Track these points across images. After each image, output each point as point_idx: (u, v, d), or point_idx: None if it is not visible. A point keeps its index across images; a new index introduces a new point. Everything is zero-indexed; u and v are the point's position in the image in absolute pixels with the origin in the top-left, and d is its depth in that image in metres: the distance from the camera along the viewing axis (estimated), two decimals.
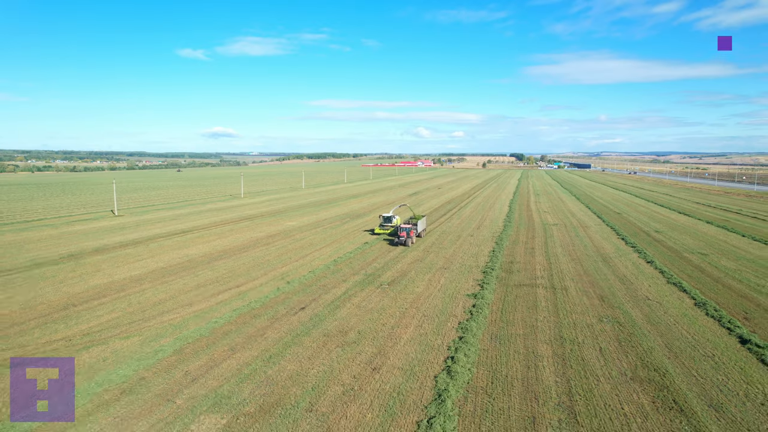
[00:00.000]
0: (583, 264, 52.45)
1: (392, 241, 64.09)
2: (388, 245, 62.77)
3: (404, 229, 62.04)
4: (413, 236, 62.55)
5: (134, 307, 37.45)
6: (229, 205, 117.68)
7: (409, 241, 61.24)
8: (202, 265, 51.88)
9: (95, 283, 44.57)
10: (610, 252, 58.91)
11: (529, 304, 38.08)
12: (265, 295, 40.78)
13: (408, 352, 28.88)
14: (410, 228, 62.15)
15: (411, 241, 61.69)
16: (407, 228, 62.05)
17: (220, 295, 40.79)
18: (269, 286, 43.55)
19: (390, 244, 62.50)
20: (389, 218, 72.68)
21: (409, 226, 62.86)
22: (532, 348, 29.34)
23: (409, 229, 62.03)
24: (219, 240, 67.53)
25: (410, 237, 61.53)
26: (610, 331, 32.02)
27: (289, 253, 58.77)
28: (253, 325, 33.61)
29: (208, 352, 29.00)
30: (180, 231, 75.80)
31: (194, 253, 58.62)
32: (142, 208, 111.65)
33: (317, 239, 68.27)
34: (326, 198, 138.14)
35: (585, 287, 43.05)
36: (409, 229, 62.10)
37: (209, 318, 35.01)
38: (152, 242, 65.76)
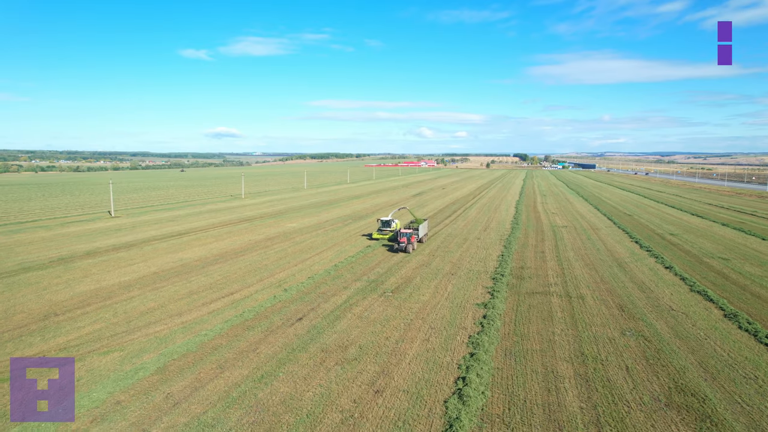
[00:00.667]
0: (597, 270, 49.59)
1: (392, 247, 59.98)
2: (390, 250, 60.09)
3: (404, 234, 57.94)
4: (414, 242, 58.39)
5: (119, 317, 34.88)
6: (229, 206, 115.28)
7: (410, 247, 57.24)
8: (196, 270, 49.33)
9: (81, 289, 42.07)
10: (624, 256, 56.01)
11: (544, 315, 35.29)
12: (261, 303, 38.15)
13: (414, 371, 26.17)
14: (411, 233, 58.16)
15: (412, 248, 57.80)
16: (408, 233, 58.00)
17: (213, 304, 38.19)
18: (265, 294, 40.93)
19: (389, 251, 58.73)
20: (388, 222, 68.23)
21: (410, 230, 58.87)
22: (552, 366, 26.58)
23: (410, 234, 57.94)
24: (216, 243, 65.01)
25: (411, 243, 57.48)
26: (635, 347, 29.20)
27: (288, 257, 56.16)
28: (245, 338, 30.97)
29: (194, 370, 26.38)
30: (176, 233, 73.35)
31: (189, 257, 56.10)
32: (140, 209, 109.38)
33: (318, 242, 65.65)
34: (328, 199, 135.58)
35: (603, 296, 40.22)
36: (410, 234, 58.03)
37: (198, 330, 32.39)
38: (146, 245, 63.31)
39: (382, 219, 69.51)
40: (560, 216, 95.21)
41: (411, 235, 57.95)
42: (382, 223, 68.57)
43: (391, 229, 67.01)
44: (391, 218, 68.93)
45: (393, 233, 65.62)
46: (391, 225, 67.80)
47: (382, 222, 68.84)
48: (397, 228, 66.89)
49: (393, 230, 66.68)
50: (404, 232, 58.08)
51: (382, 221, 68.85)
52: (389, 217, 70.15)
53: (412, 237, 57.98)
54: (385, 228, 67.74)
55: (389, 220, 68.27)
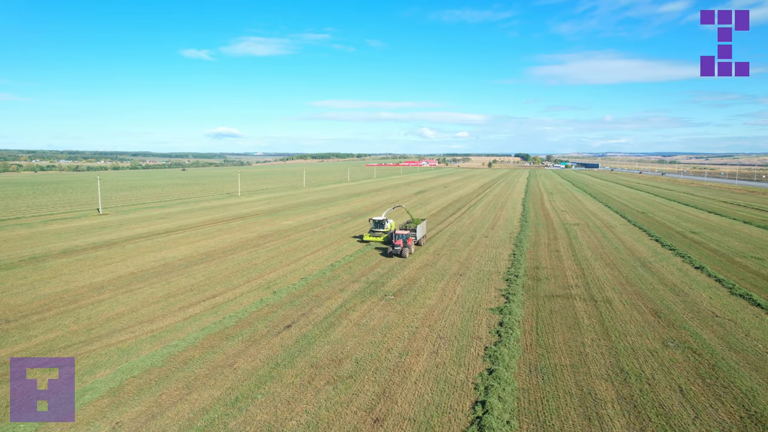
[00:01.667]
0: (620, 270, 44.94)
1: (385, 251, 52.40)
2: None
3: (400, 236, 51.01)
4: (411, 245, 51.23)
5: (80, 324, 30.33)
6: (223, 204, 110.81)
7: (407, 251, 49.83)
8: (177, 270, 44.79)
9: (46, 291, 37.53)
10: (647, 255, 51.35)
11: (570, 322, 30.67)
12: (245, 308, 33.59)
13: (422, 392, 21.57)
14: (407, 235, 51.40)
15: (409, 252, 50.38)
16: (404, 234, 51.19)
17: (190, 309, 33.62)
18: (251, 297, 36.36)
19: (383, 255, 51.48)
20: (381, 222, 60.47)
21: (406, 232, 52.14)
22: (588, 387, 21.97)
23: (406, 236, 51.11)
24: (204, 241, 60.47)
25: (408, 246, 50.25)
26: (683, 362, 24.57)
27: (281, 256, 51.60)
28: (221, 350, 26.40)
29: (155, 391, 21.81)
30: (164, 231, 68.84)
31: (173, 255, 51.56)
32: (131, 206, 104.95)
33: (314, 240, 61.08)
34: (327, 196, 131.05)
35: (632, 299, 35.58)
36: (406, 236, 51.16)
37: (169, 340, 27.83)
38: (129, 243, 58.79)
39: (375, 218, 61.61)
40: (570, 214, 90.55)
41: (407, 237, 51.23)
42: (375, 223, 60.84)
43: (385, 230, 59.93)
44: (385, 218, 61.28)
45: (387, 235, 58.86)
46: (384, 225, 60.40)
47: (374, 222, 60.96)
48: (391, 229, 60.06)
49: (387, 231, 59.76)
50: (400, 234, 51.53)
51: (375, 221, 61.03)
52: (383, 216, 62.21)
53: (409, 239, 51.17)
54: (377, 229, 60.32)
55: (382, 220, 60.60)
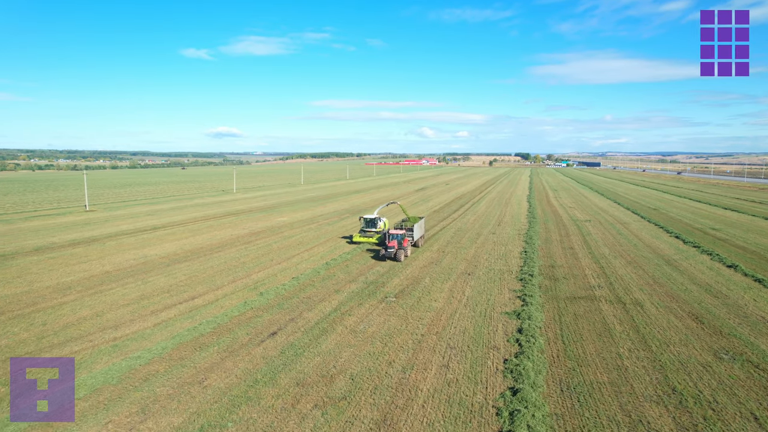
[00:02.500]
0: (644, 268, 40.83)
1: (377, 253, 46.20)
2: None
3: (395, 236, 45.17)
4: (408, 246, 45.08)
5: (32, 331, 26.19)
6: (217, 200, 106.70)
7: (402, 254, 43.34)
8: (157, 269, 40.68)
9: (4, 293, 33.38)
10: (670, 253, 47.22)
11: (599, 329, 26.56)
12: (226, 312, 29.46)
13: (431, 419, 17.46)
14: (403, 235, 45.34)
15: (404, 254, 43.93)
16: (399, 235, 45.24)
17: (164, 313, 29.49)
18: (234, 299, 32.23)
19: (375, 258, 45.10)
20: (373, 221, 53.69)
21: (402, 232, 45.76)
22: (636, 412, 17.85)
23: (402, 237, 45.13)
24: (191, 238, 56.34)
25: (403, 248, 43.93)
26: (747, 380, 20.44)
27: (272, 253, 47.47)
28: (192, 363, 22.28)
29: (101, 418, 17.69)
30: (150, 227, 64.71)
31: (155, 253, 47.43)
32: (121, 203, 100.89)
33: (309, 237, 56.95)
34: (325, 194, 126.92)
35: (665, 302, 31.44)
36: (402, 236, 45.18)
37: (132, 350, 23.70)
38: (111, 240, 54.65)
39: (366, 217, 54.45)
40: (579, 210, 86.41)
41: (403, 238, 45.15)
42: (366, 222, 53.81)
43: (378, 230, 53.13)
44: (378, 216, 54.58)
45: (380, 235, 51.89)
46: (377, 224, 53.71)
47: (365, 221, 53.87)
48: (384, 228, 53.19)
49: (380, 231, 52.88)
50: (394, 234, 45.35)
51: (366, 219, 53.94)
52: (375, 214, 55.20)
53: (405, 240, 45.08)
54: (369, 228, 53.41)
55: (375, 219, 53.76)
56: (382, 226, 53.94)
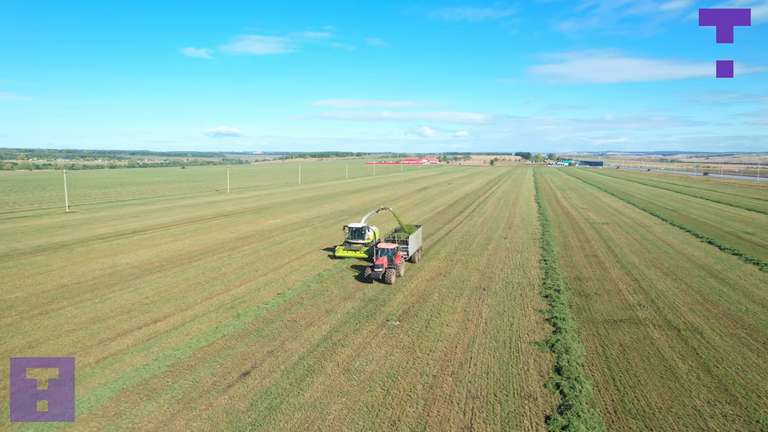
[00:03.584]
0: (686, 281, 35.31)
1: (362, 272, 36.88)
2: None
3: (384, 251, 36.01)
4: (401, 263, 36.27)
5: None
6: (209, 201, 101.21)
7: (393, 274, 34.14)
8: (123, 282, 35.18)
9: None
10: (708, 262, 41.70)
11: (657, 367, 21.03)
12: (191, 341, 23.95)
13: None
14: (394, 250, 36.20)
15: (396, 274, 35.21)
16: (389, 249, 36.00)
17: (114, 343, 23.97)
18: (205, 323, 26.72)
19: (359, 279, 35.66)
20: (360, 231, 44.15)
21: (393, 245, 36.44)
22: None
23: (393, 252, 36.06)
24: (171, 243, 50.82)
25: (395, 266, 35.10)
26: None
27: (258, 262, 41.97)
28: (130, 422, 16.73)
29: None
30: (130, 231, 59.21)
31: (126, 262, 41.93)
32: (107, 204, 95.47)
33: (301, 242, 51.41)
34: (323, 194, 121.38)
35: (727, 327, 25.91)
36: (393, 251, 36.08)
37: (53, 403, 18.13)
38: (81, 246, 49.15)
39: (351, 226, 44.54)
40: (593, 212, 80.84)
41: (395, 253, 36.27)
42: (352, 232, 44.39)
43: (365, 241, 43.95)
44: (365, 225, 44.92)
45: (368, 248, 42.98)
46: (365, 235, 44.14)
47: (350, 230, 44.43)
48: (374, 239, 43.81)
49: (368, 243, 43.82)
50: (384, 248, 36.14)
51: (352, 229, 44.38)
52: (362, 222, 45.28)
53: (397, 256, 36.31)
54: (355, 240, 44.12)
55: (362, 228, 44.16)
56: (371, 237, 44.56)
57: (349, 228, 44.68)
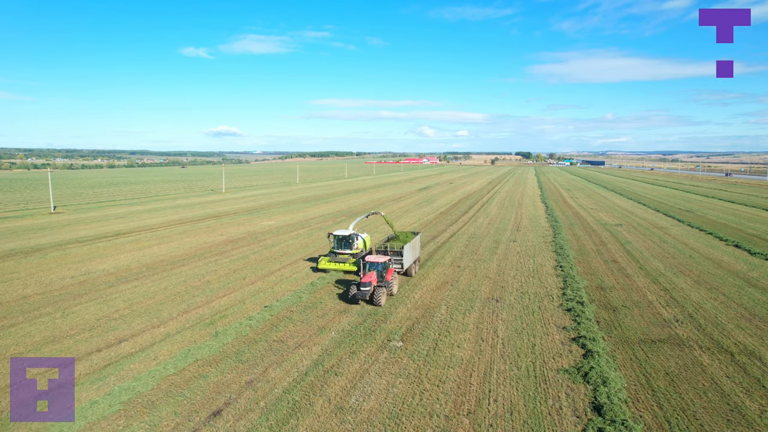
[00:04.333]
0: (723, 292, 31.55)
1: (349, 289, 29.99)
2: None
3: (374, 265, 29.99)
4: (393, 280, 30.40)
5: None
6: (202, 201, 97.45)
7: (383, 294, 28.31)
8: (94, 292, 31.44)
9: None
10: (742, 268, 37.95)
11: (719, 405, 17.28)
12: (156, 368, 20.20)
13: None
14: (385, 264, 30.26)
15: (389, 292, 29.90)
16: (379, 263, 29.97)
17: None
18: (176, 343, 22.97)
19: (344, 299, 29.64)
20: (347, 240, 37.64)
21: (384, 259, 30.13)
22: None
23: (384, 266, 30.17)
24: (155, 247, 47.07)
25: (387, 284, 29.55)
26: None
27: (247, 268, 38.23)
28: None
29: None
30: (113, 233, 55.47)
31: (102, 268, 38.21)
32: (95, 204, 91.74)
33: (295, 246, 47.66)
34: (321, 193, 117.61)
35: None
36: (384, 264, 30.14)
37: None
38: (57, 250, 45.42)
39: (338, 233, 38.03)
40: (604, 212, 77.05)
41: (386, 267, 30.38)
42: (338, 240, 37.85)
43: (354, 251, 37.71)
44: (354, 232, 38.37)
45: (356, 259, 36.69)
46: (353, 244, 37.69)
47: (337, 239, 37.92)
48: (363, 249, 38.36)
49: (357, 253, 37.77)
50: (373, 262, 29.97)
51: (338, 237, 37.86)
52: (350, 229, 38.95)
53: (389, 271, 30.26)
54: (342, 250, 37.61)
55: (350, 236, 37.68)
56: (361, 246, 38.46)
57: (335, 236, 38.04)
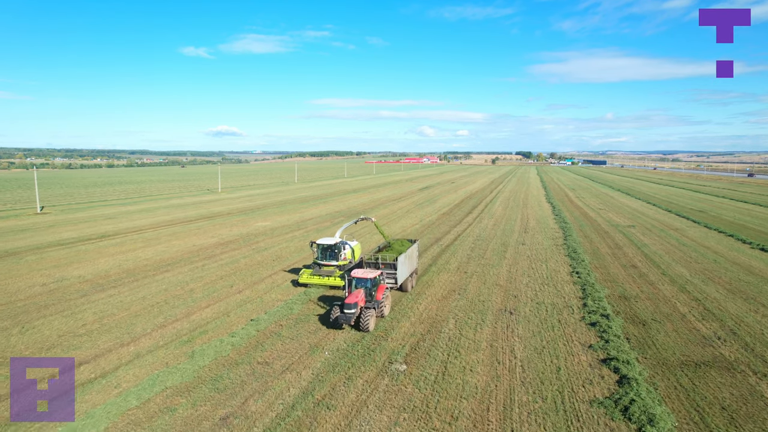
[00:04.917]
0: (764, 303, 28.43)
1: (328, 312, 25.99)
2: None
3: (362, 281, 25.43)
4: (385, 299, 25.65)
5: None
6: (197, 201, 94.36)
7: (372, 317, 23.67)
8: (64, 302, 28.35)
9: None
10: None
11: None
12: (115, 400, 17.09)
13: None
14: (375, 279, 25.70)
15: (379, 314, 25.26)
16: (368, 279, 25.35)
17: (0, 406, 17.09)
18: (144, 367, 19.84)
19: (323, 323, 24.91)
20: (333, 249, 32.36)
21: (375, 273, 25.75)
22: None
23: (374, 282, 25.71)
24: (140, 250, 43.99)
25: (376, 304, 25.04)
26: None
27: (236, 274, 35.12)
28: None
29: None
30: (99, 235, 52.40)
31: (78, 274, 35.13)
32: (85, 204, 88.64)
33: (289, 249, 44.57)
34: (320, 193, 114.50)
35: None
36: (374, 281, 25.65)
37: None
38: (34, 254, 42.34)
39: (322, 242, 32.77)
40: (613, 213, 73.91)
41: (377, 284, 25.92)
42: (323, 250, 32.56)
43: (340, 263, 32.34)
44: (341, 240, 33.01)
45: (343, 272, 29.68)
46: (339, 254, 32.42)
47: (321, 249, 32.60)
48: (351, 259, 33.06)
49: (344, 264, 32.27)
50: (360, 278, 25.41)
51: (323, 247, 32.55)
52: (336, 237, 33.13)
53: (380, 288, 25.77)
54: (327, 261, 32.40)
55: (336, 245, 32.35)
56: (349, 256, 33.09)
57: (319, 245, 32.59)
